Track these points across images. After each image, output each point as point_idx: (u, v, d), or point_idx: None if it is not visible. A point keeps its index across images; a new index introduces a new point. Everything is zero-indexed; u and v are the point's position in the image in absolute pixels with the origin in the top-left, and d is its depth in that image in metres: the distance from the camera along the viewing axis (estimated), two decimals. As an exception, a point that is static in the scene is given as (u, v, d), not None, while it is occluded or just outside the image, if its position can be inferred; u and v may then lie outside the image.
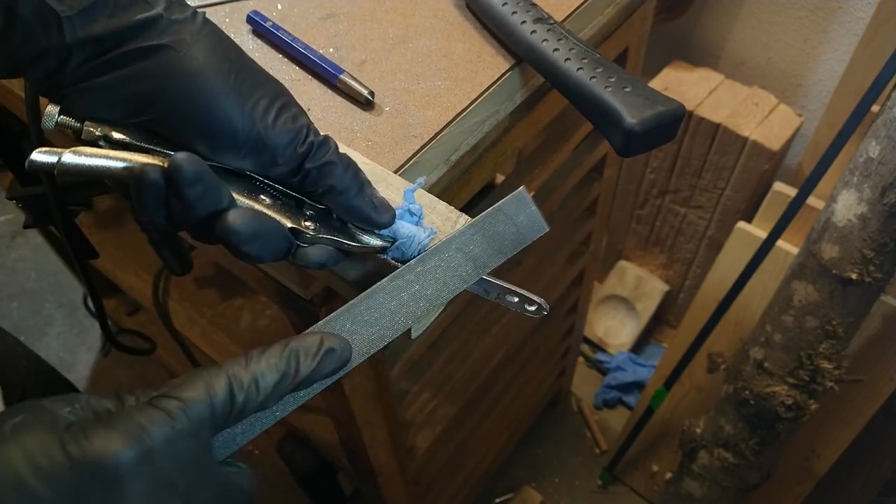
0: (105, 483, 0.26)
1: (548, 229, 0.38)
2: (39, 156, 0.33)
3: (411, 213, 0.40)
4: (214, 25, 0.35)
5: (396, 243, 0.38)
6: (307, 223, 0.36)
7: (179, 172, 0.31)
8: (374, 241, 0.38)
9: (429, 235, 0.39)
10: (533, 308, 0.39)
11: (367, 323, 0.36)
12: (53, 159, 0.33)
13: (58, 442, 0.26)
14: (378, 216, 0.37)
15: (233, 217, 0.32)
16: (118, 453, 0.26)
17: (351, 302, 0.35)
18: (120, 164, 0.33)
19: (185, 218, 0.33)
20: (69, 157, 0.33)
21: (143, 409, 0.28)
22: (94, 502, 0.26)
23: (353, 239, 0.38)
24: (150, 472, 0.27)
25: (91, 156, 0.33)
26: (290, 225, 0.35)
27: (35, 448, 0.26)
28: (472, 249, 0.37)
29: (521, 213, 0.37)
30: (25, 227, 0.80)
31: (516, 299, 0.39)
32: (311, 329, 0.35)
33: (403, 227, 0.39)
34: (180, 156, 0.31)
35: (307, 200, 0.37)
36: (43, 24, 0.31)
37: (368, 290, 0.36)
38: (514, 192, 0.37)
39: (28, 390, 0.61)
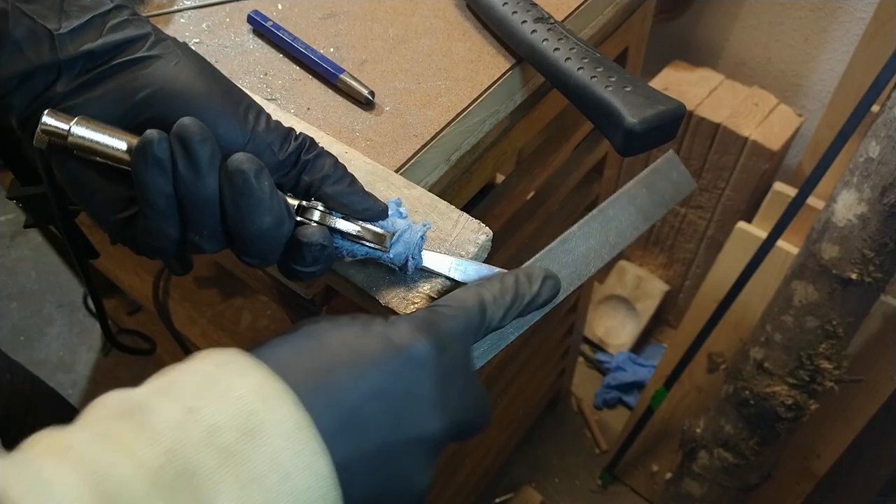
0: (415, 365, 0.31)
1: (696, 186, 0.45)
2: (51, 119, 0.33)
3: (401, 215, 0.40)
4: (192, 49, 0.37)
5: (398, 233, 0.38)
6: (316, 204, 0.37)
7: (187, 130, 0.32)
8: (376, 229, 0.38)
9: (426, 227, 0.39)
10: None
11: (564, 264, 0.42)
12: (65, 126, 0.33)
13: (378, 333, 0.32)
14: (375, 203, 0.38)
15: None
16: (423, 341, 0.31)
17: (550, 246, 0.41)
18: (123, 144, 0.33)
19: (194, 188, 0.33)
20: (78, 127, 0.33)
21: (432, 312, 0.34)
22: (407, 380, 0.31)
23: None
24: (440, 362, 0.32)
25: (97, 130, 0.33)
26: (296, 202, 0.36)
27: (363, 341, 0.31)
28: (639, 202, 0.43)
29: (673, 171, 0.44)
30: (25, 227, 0.80)
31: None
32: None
33: (398, 222, 0.39)
34: (186, 119, 0.32)
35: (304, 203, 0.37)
36: (35, 43, 0.32)
37: (562, 236, 0.41)
38: (665, 155, 0.44)
39: (10, 407, 0.61)
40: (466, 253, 0.40)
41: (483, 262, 0.40)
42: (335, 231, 0.37)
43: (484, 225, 0.42)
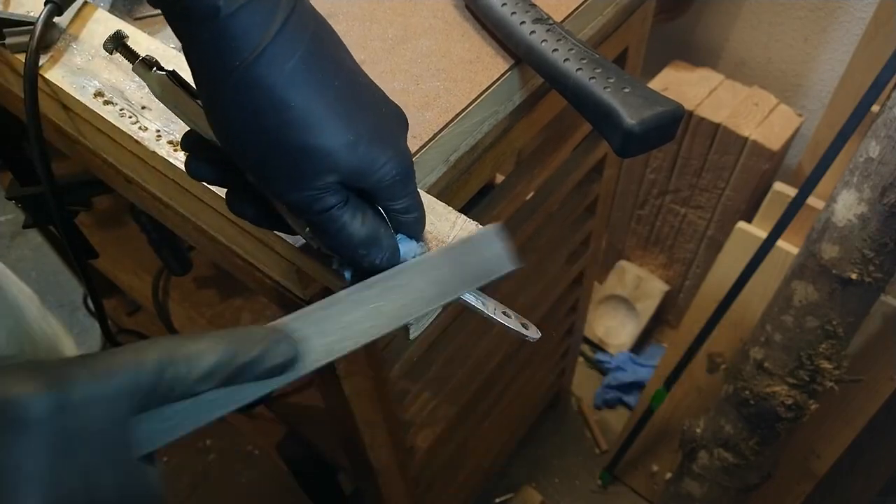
0: (12, 423, 0.24)
1: (514, 267, 0.38)
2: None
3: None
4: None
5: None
6: None
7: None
8: None
9: (421, 247, 0.39)
10: (525, 331, 0.39)
11: (321, 332, 0.34)
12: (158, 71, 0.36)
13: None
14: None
15: None
16: (31, 395, 0.25)
17: (306, 308, 0.34)
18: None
19: None
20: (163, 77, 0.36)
21: (72, 363, 0.27)
22: None
23: None
24: (58, 426, 0.25)
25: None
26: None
27: None
28: (437, 274, 0.37)
29: (488, 248, 0.38)
30: (25, 227, 0.80)
31: (510, 319, 0.39)
32: (318, 304, 0.35)
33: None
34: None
35: None
36: None
37: (327, 299, 0.35)
38: (484, 228, 0.38)
39: None
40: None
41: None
42: None
43: (481, 226, 0.42)
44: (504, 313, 0.39)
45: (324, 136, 0.32)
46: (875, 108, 0.88)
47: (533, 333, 0.39)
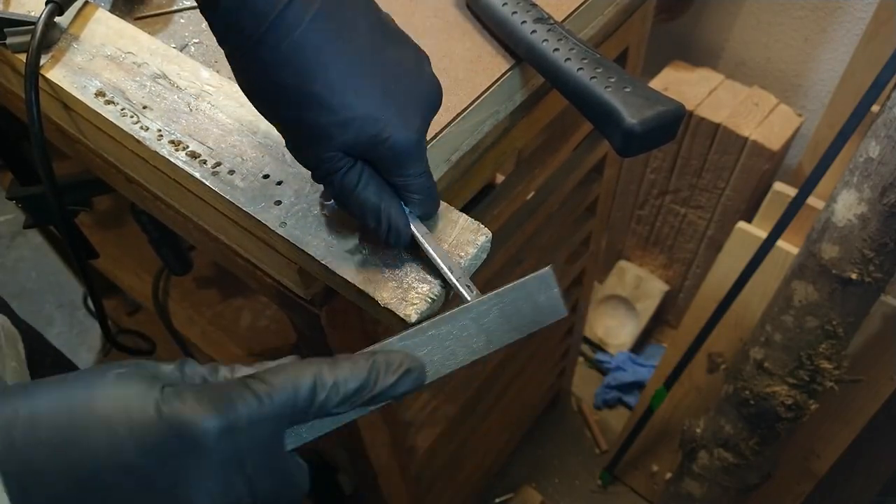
0: (187, 445, 0.27)
1: (566, 314, 0.37)
2: None
3: None
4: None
5: None
6: None
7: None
8: None
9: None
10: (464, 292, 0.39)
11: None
12: None
13: (154, 398, 0.27)
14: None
15: None
16: (206, 420, 0.27)
17: (359, 352, 0.34)
18: None
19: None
20: None
21: (235, 386, 0.29)
22: (173, 461, 0.27)
23: None
24: (228, 446, 0.28)
25: None
26: None
27: (132, 399, 0.27)
28: (487, 323, 0.36)
29: (542, 294, 0.36)
30: (25, 227, 0.80)
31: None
32: (383, 346, 0.35)
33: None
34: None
35: None
36: None
37: (376, 346, 0.35)
38: (539, 271, 0.36)
39: None
40: (465, 254, 0.40)
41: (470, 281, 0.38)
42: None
43: (483, 226, 0.42)
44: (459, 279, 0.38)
45: (314, 113, 0.34)
46: (875, 108, 0.88)
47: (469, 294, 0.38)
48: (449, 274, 0.38)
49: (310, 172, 0.38)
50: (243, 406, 0.28)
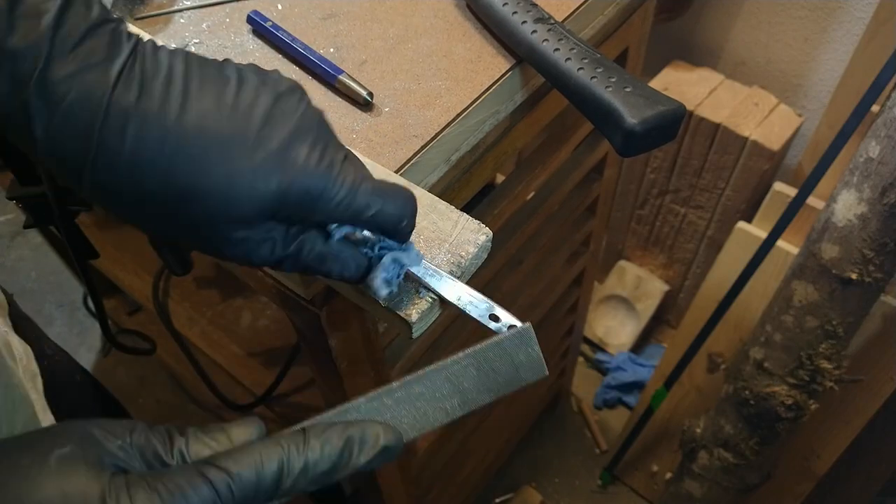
0: None
1: (547, 374, 0.35)
2: None
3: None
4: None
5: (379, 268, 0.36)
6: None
7: None
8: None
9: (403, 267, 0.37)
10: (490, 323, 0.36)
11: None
12: None
13: (99, 495, 0.25)
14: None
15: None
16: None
17: (319, 416, 0.32)
18: None
19: None
20: None
21: (191, 477, 0.27)
22: None
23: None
24: None
25: None
26: None
27: (75, 495, 0.25)
28: (462, 382, 0.34)
29: (521, 352, 0.34)
30: (25, 227, 0.80)
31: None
32: (348, 408, 0.32)
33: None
34: None
35: None
36: None
37: (341, 408, 0.32)
38: (519, 327, 0.34)
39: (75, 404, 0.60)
40: (466, 253, 0.40)
41: (475, 290, 0.37)
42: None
43: (484, 225, 0.42)
44: (493, 317, 0.37)
45: (202, 205, 0.30)
46: (875, 108, 0.88)
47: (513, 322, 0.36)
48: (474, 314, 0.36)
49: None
50: (199, 502, 0.27)
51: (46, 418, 0.55)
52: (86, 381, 0.69)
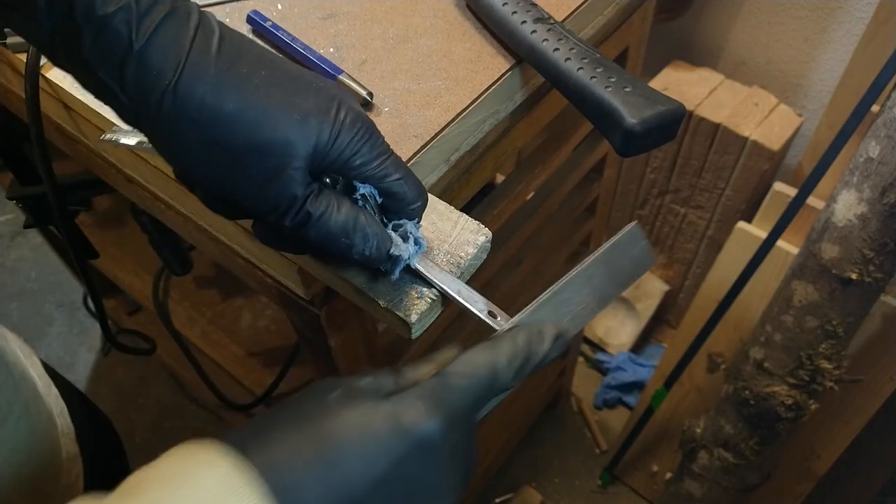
0: (420, 450, 0.29)
1: (655, 263, 0.39)
2: None
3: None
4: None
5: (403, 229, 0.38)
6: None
7: None
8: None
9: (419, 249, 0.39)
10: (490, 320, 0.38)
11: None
12: None
13: (386, 415, 0.29)
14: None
15: None
16: (435, 423, 0.29)
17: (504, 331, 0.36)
18: None
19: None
20: None
21: (444, 385, 0.31)
22: (417, 467, 0.29)
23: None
24: (450, 442, 0.30)
25: None
26: None
27: (370, 421, 0.29)
28: (596, 281, 0.38)
29: (635, 247, 0.39)
30: (25, 227, 0.80)
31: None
32: (520, 320, 0.36)
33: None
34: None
35: None
36: None
37: (515, 319, 0.36)
38: (628, 227, 0.39)
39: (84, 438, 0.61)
40: (465, 254, 0.40)
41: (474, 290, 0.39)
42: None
43: (483, 226, 0.42)
44: (491, 314, 0.38)
45: (269, 128, 0.33)
46: (875, 108, 0.88)
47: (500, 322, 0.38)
48: (475, 311, 0.38)
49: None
50: (455, 402, 0.31)
51: (51, 393, 0.56)
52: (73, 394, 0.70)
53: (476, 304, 0.38)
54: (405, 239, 0.38)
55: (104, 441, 0.71)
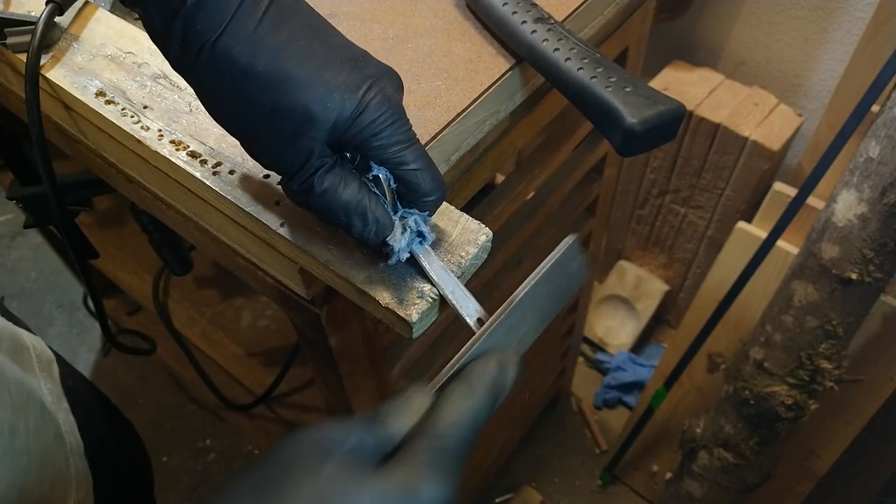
0: None
1: (590, 276, 0.39)
2: None
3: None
4: None
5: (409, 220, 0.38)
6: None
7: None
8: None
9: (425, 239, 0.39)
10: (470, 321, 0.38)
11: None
12: None
13: (394, 495, 0.28)
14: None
15: None
16: (446, 495, 0.28)
17: (445, 368, 0.35)
18: None
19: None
20: None
21: (441, 447, 0.30)
22: None
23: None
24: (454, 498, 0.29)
25: None
26: None
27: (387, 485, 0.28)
28: (540, 302, 0.38)
29: (572, 263, 0.38)
30: (25, 227, 0.80)
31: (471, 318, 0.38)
32: (474, 351, 0.35)
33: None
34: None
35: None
36: None
37: (468, 348, 0.35)
38: (565, 244, 0.38)
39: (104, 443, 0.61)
40: (466, 253, 0.40)
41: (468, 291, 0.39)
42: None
43: (484, 225, 0.42)
44: (479, 321, 0.38)
45: (292, 95, 0.34)
46: (875, 108, 0.88)
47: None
48: (461, 312, 0.38)
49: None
50: (455, 462, 0.30)
51: (60, 408, 0.56)
52: (91, 391, 0.70)
53: (467, 308, 0.38)
54: (407, 230, 0.38)
55: (125, 447, 0.71)
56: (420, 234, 0.39)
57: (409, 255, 0.39)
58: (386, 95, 0.36)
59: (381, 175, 0.37)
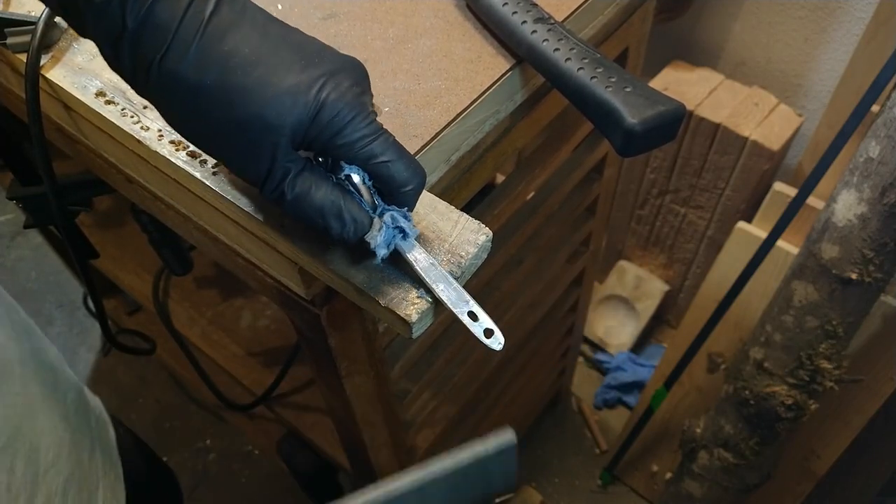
0: None
1: (514, 493, 0.36)
2: None
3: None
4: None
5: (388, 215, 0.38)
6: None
7: None
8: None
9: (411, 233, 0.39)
10: (489, 340, 0.37)
11: None
12: None
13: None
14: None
15: None
16: None
17: None
18: None
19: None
20: None
21: None
22: None
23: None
24: None
25: None
26: None
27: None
28: (432, 496, 0.34)
29: (498, 465, 0.35)
30: (25, 227, 0.80)
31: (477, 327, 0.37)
32: None
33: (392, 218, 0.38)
34: None
35: None
36: None
37: None
38: (502, 438, 0.34)
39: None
40: (466, 253, 0.40)
41: (462, 288, 0.38)
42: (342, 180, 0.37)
43: (484, 225, 0.42)
44: (471, 315, 0.38)
45: (244, 106, 0.34)
46: (875, 108, 0.88)
47: (494, 344, 0.37)
48: (451, 307, 0.37)
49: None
50: None
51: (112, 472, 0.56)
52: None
53: (458, 303, 0.37)
54: (383, 227, 0.37)
55: (162, 493, 0.71)
56: (400, 230, 0.38)
57: (389, 251, 0.38)
58: (341, 91, 0.35)
59: (353, 174, 0.36)
